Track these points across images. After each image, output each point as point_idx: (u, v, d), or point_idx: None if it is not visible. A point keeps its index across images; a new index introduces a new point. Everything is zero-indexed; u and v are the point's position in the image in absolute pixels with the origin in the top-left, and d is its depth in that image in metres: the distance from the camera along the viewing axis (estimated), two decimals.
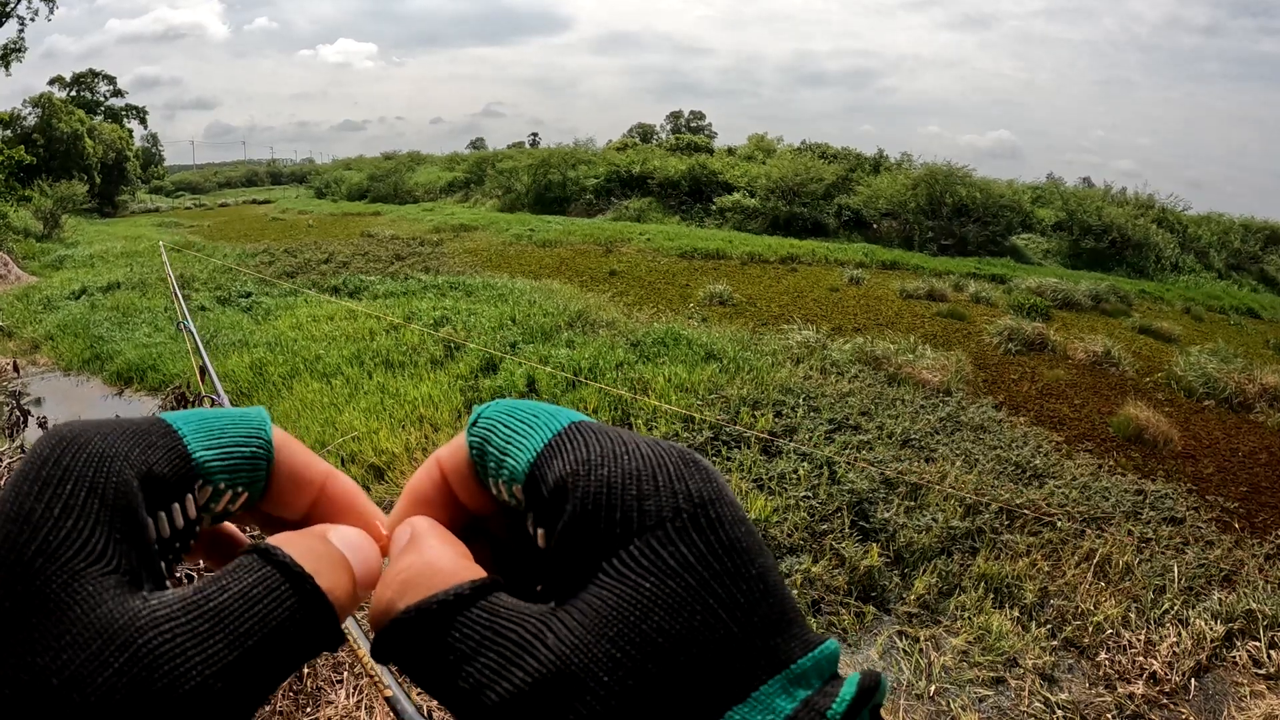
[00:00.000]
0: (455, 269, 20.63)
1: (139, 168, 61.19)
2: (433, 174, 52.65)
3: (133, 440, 0.41)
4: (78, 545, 0.35)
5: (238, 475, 0.45)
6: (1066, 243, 30.82)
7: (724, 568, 0.36)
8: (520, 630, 0.36)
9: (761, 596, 0.36)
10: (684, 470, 0.39)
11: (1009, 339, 14.46)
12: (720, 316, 15.46)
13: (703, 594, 0.36)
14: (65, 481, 0.37)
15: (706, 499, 0.38)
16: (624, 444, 0.40)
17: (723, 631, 0.35)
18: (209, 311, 15.67)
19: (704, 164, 38.72)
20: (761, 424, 8.87)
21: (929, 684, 5.40)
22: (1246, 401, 12.10)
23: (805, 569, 6.40)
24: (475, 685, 0.36)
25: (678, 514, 0.37)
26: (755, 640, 0.35)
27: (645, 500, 0.38)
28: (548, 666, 0.35)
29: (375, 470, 8.27)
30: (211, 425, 0.45)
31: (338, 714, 3.83)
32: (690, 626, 0.35)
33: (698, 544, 0.37)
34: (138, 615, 0.34)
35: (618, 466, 0.39)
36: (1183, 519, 7.89)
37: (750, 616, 0.36)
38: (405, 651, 0.38)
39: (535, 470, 0.41)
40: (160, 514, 0.41)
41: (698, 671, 0.34)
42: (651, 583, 0.36)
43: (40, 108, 46.94)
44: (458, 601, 0.38)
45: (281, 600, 0.38)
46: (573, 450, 0.41)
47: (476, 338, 12.43)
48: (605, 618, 0.35)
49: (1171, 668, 5.66)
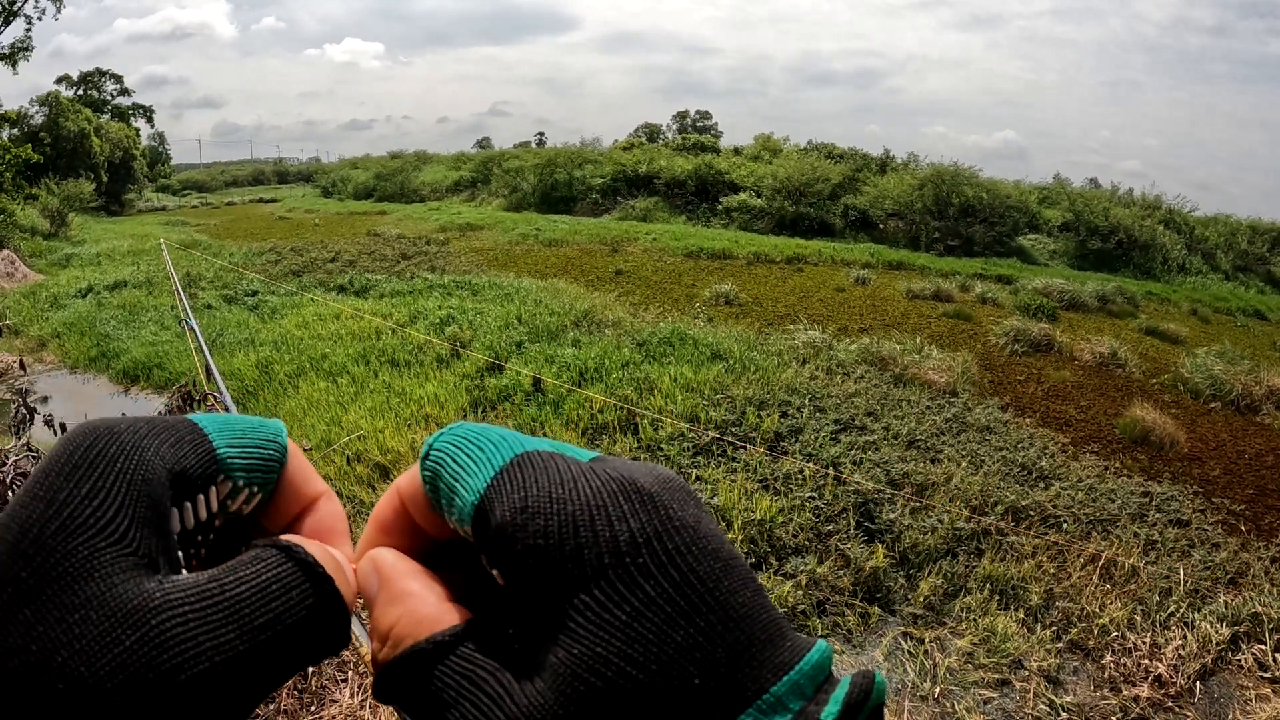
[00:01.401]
0: (461, 268, 20.63)
1: (146, 166, 61.37)
2: (439, 173, 52.63)
3: (163, 435, 0.42)
4: (99, 526, 0.35)
5: (254, 475, 0.46)
6: (1073, 243, 30.74)
7: (677, 609, 0.35)
8: (491, 683, 0.37)
9: (724, 630, 0.35)
10: (625, 509, 0.37)
11: (1015, 340, 14.44)
12: (726, 316, 15.46)
13: (657, 644, 0.34)
14: (95, 466, 0.37)
15: (651, 535, 0.37)
16: (563, 485, 0.39)
17: (679, 681, 0.34)
18: (215, 310, 15.70)
19: (710, 164, 38.67)
20: (767, 424, 8.86)
21: (934, 685, 5.40)
22: (1253, 403, 12.07)
23: (810, 569, 6.39)
24: None
25: (619, 559, 0.36)
26: (721, 680, 0.34)
27: (585, 550, 0.36)
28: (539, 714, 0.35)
29: (380, 469, 8.27)
30: (234, 427, 0.46)
31: (341, 713, 3.84)
32: (647, 679, 0.34)
33: (646, 590, 0.35)
34: (151, 596, 0.35)
35: (554, 513, 0.37)
36: (1189, 521, 7.87)
37: (712, 655, 0.34)
38: (399, 695, 0.39)
39: (479, 512, 0.40)
40: (186, 505, 0.42)
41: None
42: (602, 639, 0.34)
43: (47, 106, 47.08)
44: (436, 650, 0.39)
45: (300, 598, 0.38)
46: (511, 493, 0.39)
47: (482, 337, 12.44)
48: (562, 678, 0.34)
49: (1177, 670, 5.65)
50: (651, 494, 0.38)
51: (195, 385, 6.28)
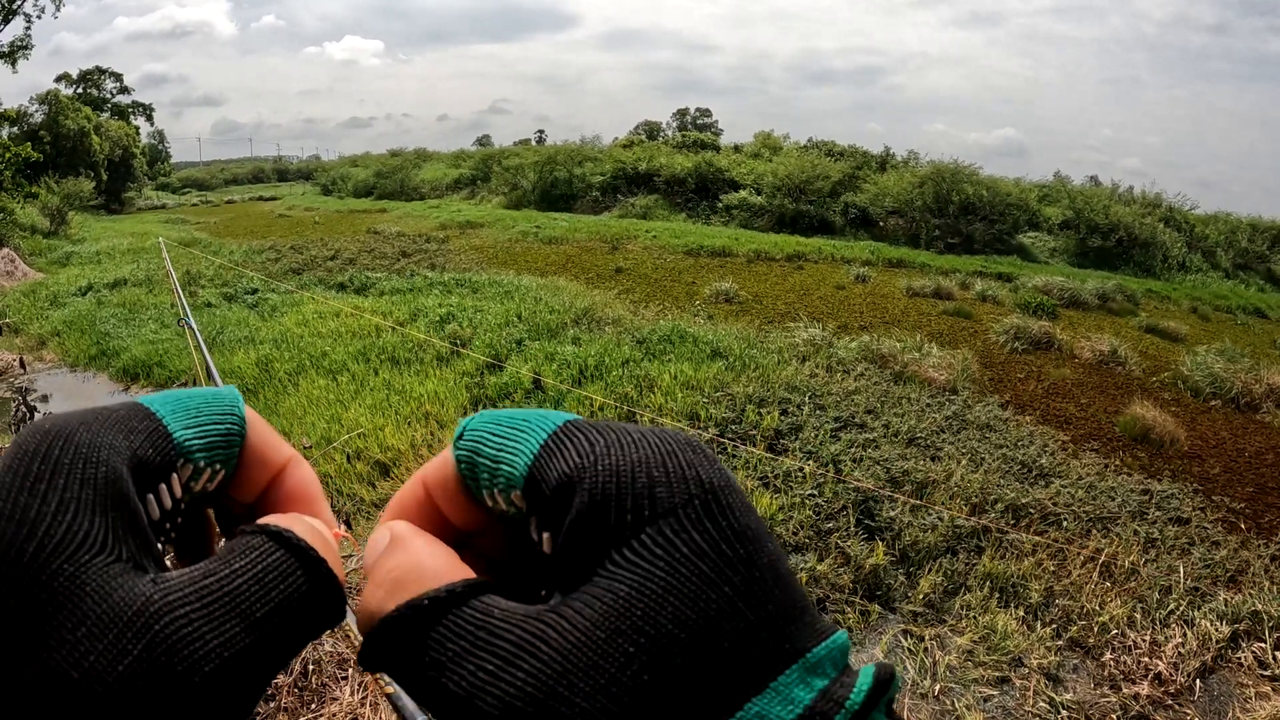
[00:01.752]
0: (461, 266, 20.64)
1: (145, 164, 61.45)
2: (439, 171, 52.73)
3: (116, 428, 0.40)
4: (79, 538, 0.35)
5: (215, 453, 0.45)
6: (1073, 241, 30.75)
7: (737, 555, 0.36)
8: (519, 631, 0.35)
9: (774, 584, 0.36)
10: (693, 457, 0.38)
11: (1015, 337, 14.44)
12: (726, 314, 15.45)
13: (718, 582, 0.35)
14: (57, 475, 0.36)
15: (717, 486, 0.37)
16: (628, 434, 0.40)
17: (739, 621, 0.34)
18: (215, 308, 15.70)
19: (710, 161, 38.71)
20: (767, 422, 8.86)
21: (934, 683, 5.40)
22: (1253, 401, 12.06)
23: (810, 567, 6.39)
24: (470, 689, 0.34)
25: (689, 501, 0.36)
26: (771, 629, 0.35)
27: (656, 488, 0.37)
28: (551, 666, 0.33)
29: (380, 466, 8.27)
30: (187, 405, 0.45)
31: (342, 711, 3.84)
32: (706, 616, 0.34)
33: (710, 531, 0.36)
34: (150, 601, 0.34)
35: (625, 456, 0.38)
36: (1189, 519, 7.87)
37: (765, 604, 0.35)
38: (396, 654, 0.37)
39: (534, 472, 0.40)
40: (149, 496, 0.41)
41: (715, 662, 0.33)
42: (665, 571, 0.35)
43: (47, 105, 47.15)
44: (450, 598, 0.37)
45: (296, 584, 0.38)
46: (574, 446, 0.40)
47: (482, 335, 12.44)
48: (616, 609, 0.34)
49: (1177, 668, 5.64)
50: (708, 455, 0.39)
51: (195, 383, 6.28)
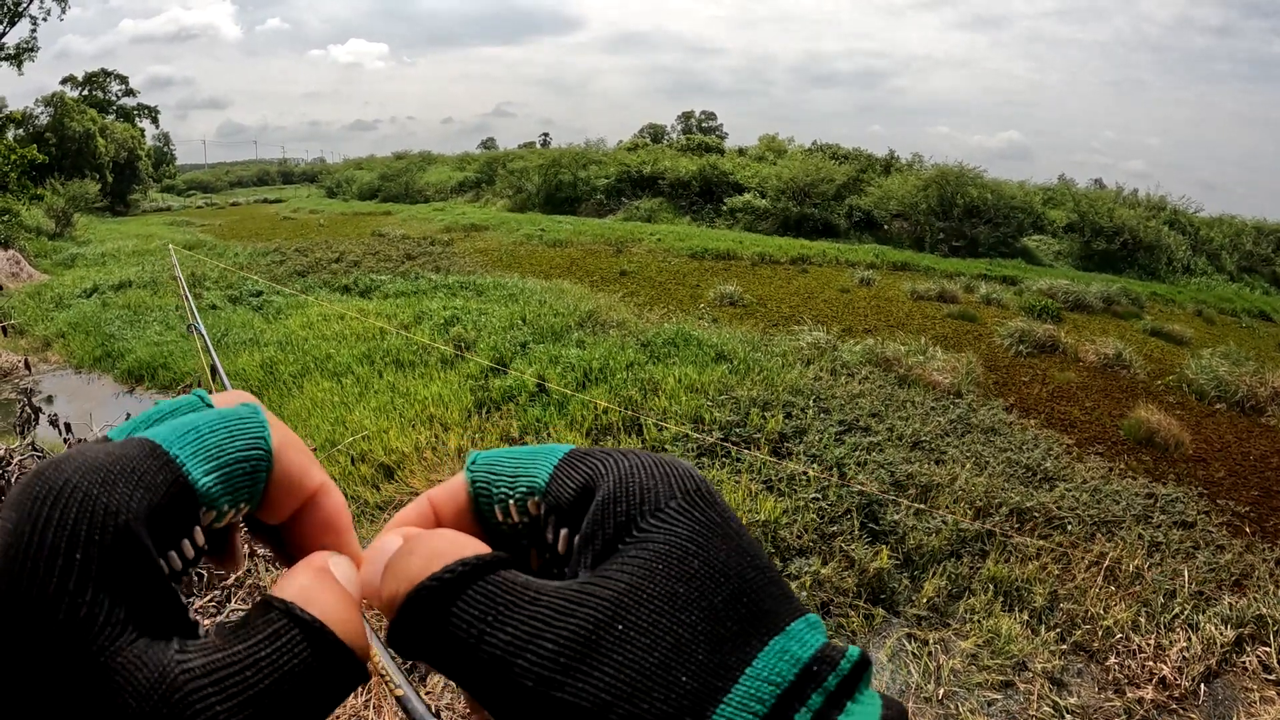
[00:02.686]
0: (466, 269, 20.67)
1: (150, 167, 61.49)
2: (443, 174, 52.73)
3: (132, 482, 0.38)
4: (102, 618, 0.34)
5: (239, 494, 0.43)
6: (1078, 244, 30.67)
7: (739, 527, 0.41)
8: (554, 597, 0.36)
9: (765, 563, 0.40)
10: (683, 470, 0.42)
11: (1020, 341, 14.43)
12: (731, 317, 15.46)
13: (731, 539, 0.39)
14: (74, 548, 0.34)
15: (704, 485, 0.42)
16: (631, 454, 0.44)
17: (754, 574, 0.38)
18: (220, 310, 15.74)
19: (715, 164, 38.65)
20: (771, 425, 8.86)
21: (938, 687, 5.39)
22: (1258, 405, 12.04)
23: (815, 570, 6.40)
24: (506, 651, 0.35)
25: (686, 494, 0.41)
26: (779, 584, 0.39)
27: (657, 484, 0.41)
28: (590, 619, 0.35)
29: (385, 469, 8.29)
30: (207, 440, 0.42)
31: (345, 713, 3.84)
32: (728, 565, 0.38)
33: (712, 510, 0.40)
34: (175, 687, 0.34)
35: (632, 463, 0.43)
36: (1193, 523, 7.86)
37: (770, 567, 0.39)
38: (422, 634, 0.38)
39: (555, 480, 0.44)
40: (171, 553, 0.40)
41: (742, 603, 0.37)
42: (687, 530, 0.39)
43: (52, 107, 47.21)
44: (482, 566, 0.38)
45: (317, 670, 0.37)
46: (590, 457, 0.44)
47: (487, 337, 12.45)
48: (653, 562, 0.38)
49: (1181, 673, 5.64)
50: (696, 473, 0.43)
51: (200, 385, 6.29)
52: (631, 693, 0.34)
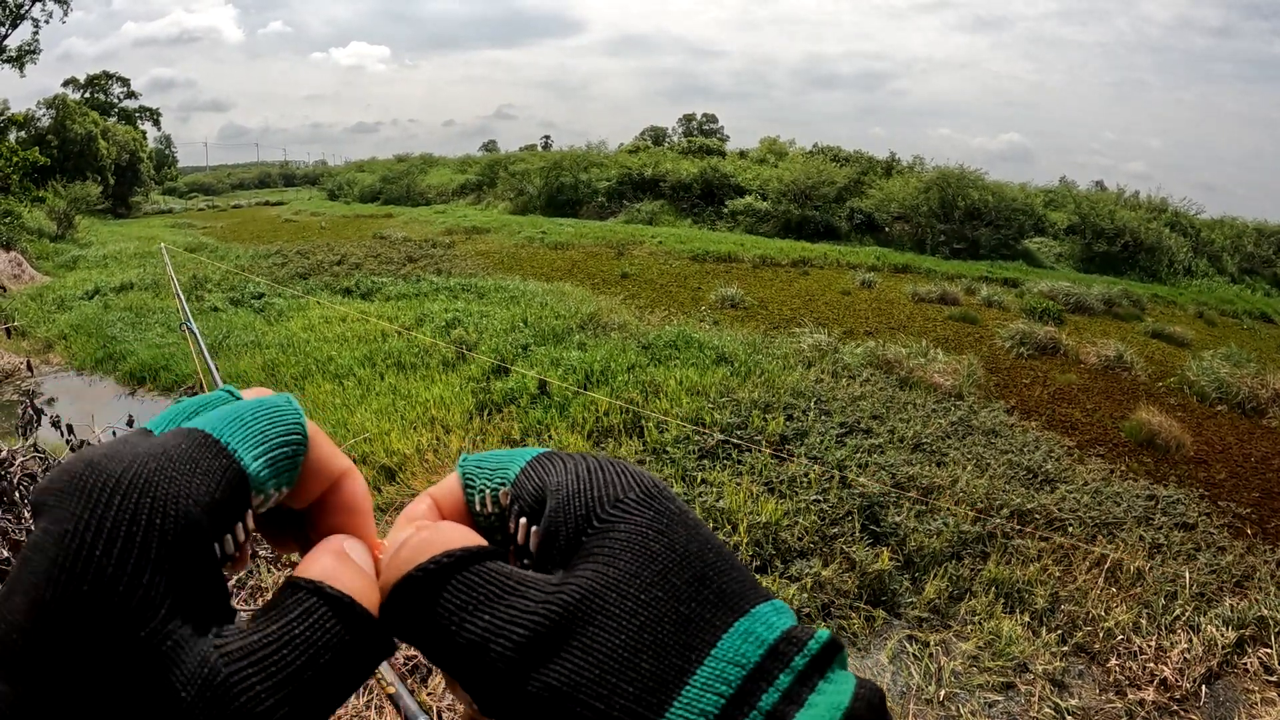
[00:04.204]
0: (467, 271, 20.68)
1: (152, 169, 61.51)
2: (445, 176, 52.69)
3: (189, 470, 0.39)
4: (155, 601, 0.35)
5: (283, 476, 0.45)
6: (1079, 246, 30.66)
7: (696, 521, 0.42)
8: (530, 587, 0.39)
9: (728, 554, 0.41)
10: (638, 470, 0.44)
11: (1021, 343, 14.44)
12: (732, 319, 15.47)
13: (692, 529, 0.41)
14: (134, 529, 0.36)
15: (663, 487, 0.43)
16: (592, 457, 0.46)
17: (715, 559, 0.40)
18: (222, 312, 15.75)
19: (716, 167, 38.65)
20: (772, 427, 8.87)
21: (938, 689, 5.40)
22: (1259, 406, 12.04)
23: (815, 572, 6.40)
24: (480, 638, 0.37)
25: (644, 488, 0.42)
26: (740, 571, 0.40)
27: (615, 479, 0.43)
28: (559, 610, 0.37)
29: (386, 471, 8.29)
30: (252, 427, 0.44)
31: (347, 713, 3.85)
32: (689, 549, 0.39)
33: (670, 503, 0.42)
34: (216, 671, 0.35)
35: (590, 465, 0.44)
36: (1194, 525, 7.86)
37: (731, 557, 0.40)
38: (413, 614, 0.40)
39: (522, 473, 0.46)
40: (226, 537, 0.41)
41: (706, 587, 0.38)
42: (646, 517, 0.40)
43: (54, 109, 47.20)
44: (467, 557, 0.40)
45: (346, 643, 0.39)
46: (553, 458, 0.47)
47: (488, 339, 12.46)
48: (616, 547, 0.39)
49: (1182, 674, 5.64)
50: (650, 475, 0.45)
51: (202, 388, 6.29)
52: (598, 676, 0.35)
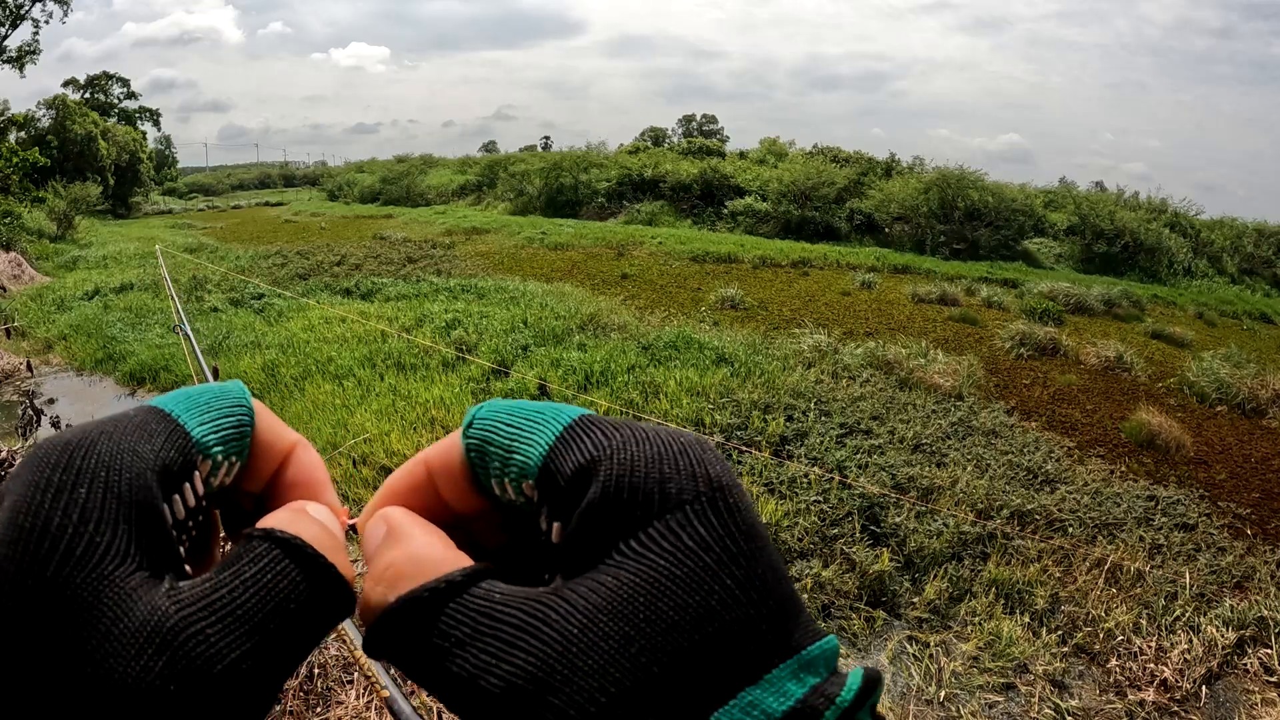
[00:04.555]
0: (467, 272, 20.68)
1: (152, 169, 61.53)
2: (445, 177, 52.73)
3: (136, 434, 0.41)
4: (100, 550, 0.35)
5: (230, 445, 0.46)
6: (1079, 247, 30.66)
7: (740, 550, 0.37)
8: (519, 614, 0.36)
9: (775, 582, 0.37)
10: (704, 455, 0.40)
11: (1021, 343, 14.43)
12: (732, 320, 15.46)
13: (720, 574, 0.36)
14: (79, 485, 0.37)
15: (726, 484, 0.39)
16: (642, 431, 0.41)
17: (738, 612, 0.35)
18: (222, 313, 15.73)
19: (716, 167, 38.68)
20: (773, 428, 8.86)
21: (939, 689, 5.39)
22: (1259, 407, 12.04)
23: (816, 573, 6.39)
24: (471, 672, 0.35)
25: (698, 497, 0.38)
26: (768, 624, 0.36)
27: (667, 483, 0.38)
28: (552, 646, 0.35)
29: (386, 472, 8.27)
30: (198, 401, 0.46)
31: (347, 714, 3.85)
32: (707, 605, 0.35)
33: (716, 526, 0.37)
34: (166, 615, 0.35)
35: (640, 450, 0.40)
36: (1195, 525, 7.86)
37: (766, 600, 0.36)
38: (397, 644, 0.38)
39: (549, 463, 0.42)
40: (174, 497, 0.41)
41: (712, 650, 0.35)
42: (670, 561, 0.36)
43: (54, 109, 47.23)
44: (449, 589, 0.38)
45: (305, 591, 0.39)
46: (590, 438, 0.41)
47: (488, 340, 12.45)
48: (619, 594, 0.35)
49: (1182, 675, 5.64)
50: (718, 456, 0.40)
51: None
52: None
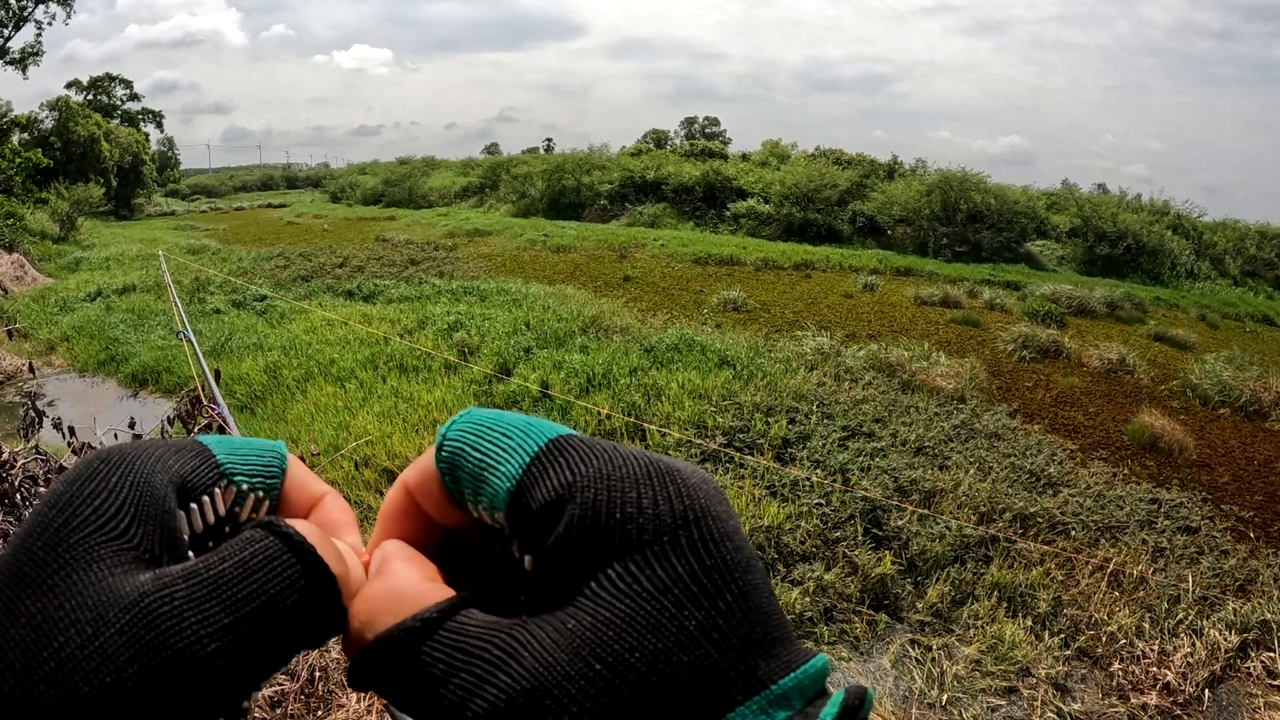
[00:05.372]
0: (469, 274, 20.70)
1: (155, 171, 61.69)
2: (447, 179, 52.72)
3: (168, 449, 0.45)
4: (100, 523, 0.38)
5: (256, 479, 0.48)
6: (1081, 249, 30.63)
7: (702, 589, 0.37)
8: (493, 647, 0.37)
9: (742, 618, 0.37)
10: (670, 489, 0.39)
11: (1023, 346, 14.42)
12: (734, 323, 15.45)
13: (679, 617, 0.36)
14: (99, 473, 0.40)
15: (691, 519, 0.38)
16: (611, 462, 0.40)
17: (697, 653, 0.35)
18: (224, 315, 15.76)
19: (718, 170, 38.63)
20: (775, 431, 8.86)
21: (941, 693, 5.38)
22: (1262, 409, 12.03)
23: (818, 576, 6.39)
24: (454, 703, 0.36)
25: (658, 537, 0.37)
26: (732, 662, 0.35)
27: (628, 524, 0.38)
28: (522, 681, 0.35)
29: (388, 474, 8.27)
30: (234, 442, 0.49)
31: (349, 718, 3.84)
32: (663, 648, 0.35)
33: (676, 567, 0.37)
34: (144, 584, 0.36)
35: (604, 487, 0.39)
36: (1197, 528, 7.85)
37: (729, 638, 0.36)
38: (380, 678, 0.40)
39: (519, 496, 0.41)
40: (191, 506, 0.44)
41: (671, 693, 0.34)
42: (627, 606, 0.36)
43: (57, 111, 47.31)
44: (424, 627, 0.39)
45: (286, 572, 0.39)
46: (558, 471, 0.41)
47: (490, 342, 12.45)
48: (579, 637, 0.36)
49: (1185, 678, 5.62)
50: (692, 484, 0.40)
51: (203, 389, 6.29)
52: None
